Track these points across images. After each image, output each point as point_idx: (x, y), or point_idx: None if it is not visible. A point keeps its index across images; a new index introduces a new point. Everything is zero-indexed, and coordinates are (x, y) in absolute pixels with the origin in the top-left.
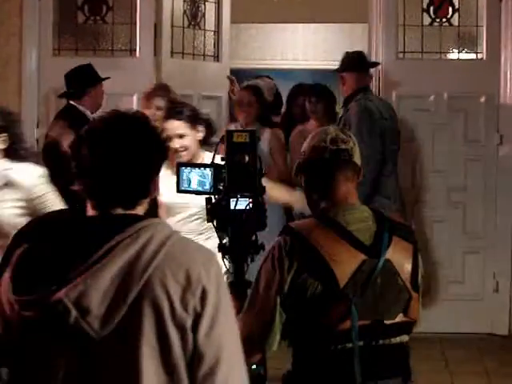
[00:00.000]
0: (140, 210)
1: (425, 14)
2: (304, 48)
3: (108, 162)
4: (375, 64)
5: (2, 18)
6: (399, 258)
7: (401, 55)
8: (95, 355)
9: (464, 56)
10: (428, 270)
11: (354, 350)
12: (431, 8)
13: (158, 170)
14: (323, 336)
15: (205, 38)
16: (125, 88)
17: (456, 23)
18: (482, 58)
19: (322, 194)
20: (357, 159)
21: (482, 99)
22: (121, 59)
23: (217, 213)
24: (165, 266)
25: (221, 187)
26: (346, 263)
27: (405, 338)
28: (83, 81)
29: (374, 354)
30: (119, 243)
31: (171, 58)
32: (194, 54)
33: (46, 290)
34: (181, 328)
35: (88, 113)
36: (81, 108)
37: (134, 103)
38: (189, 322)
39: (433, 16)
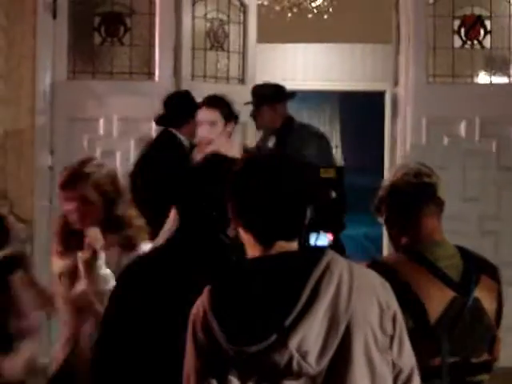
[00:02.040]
0: (296, 243)
1: (455, 36)
2: (304, 69)
3: (270, 199)
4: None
5: (16, 38)
6: (486, 296)
7: (431, 79)
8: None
9: (496, 80)
10: None
11: None
12: (462, 30)
13: (309, 207)
14: None
15: (229, 60)
16: (143, 113)
17: (488, 45)
18: None
19: (406, 229)
20: (441, 194)
21: None
22: (139, 83)
23: None
24: (359, 298)
25: None
26: (437, 300)
27: (486, 376)
28: (185, 108)
29: None
30: (320, 281)
31: (192, 81)
32: (216, 77)
33: (264, 338)
34: (382, 351)
35: (185, 141)
36: (179, 136)
37: (152, 128)
38: (387, 344)
39: (464, 38)
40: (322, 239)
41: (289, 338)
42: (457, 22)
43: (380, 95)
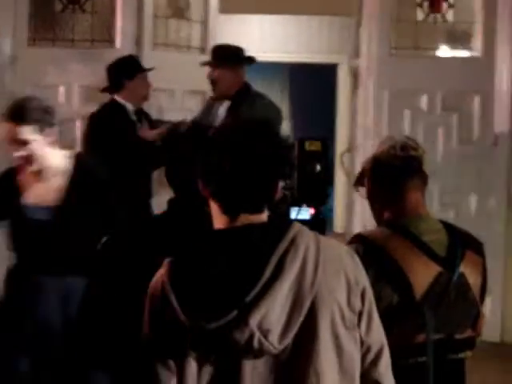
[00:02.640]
0: (265, 213)
1: (418, 9)
2: (260, 40)
3: (240, 167)
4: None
5: None
6: (471, 272)
7: (393, 51)
8: (273, 365)
9: (458, 53)
10: None
11: (428, 364)
12: (425, 3)
13: (281, 175)
14: (396, 349)
15: (190, 29)
16: (104, 80)
17: (451, 19)
18: (477, 56)
19: (390, 203)
20: (425, 167)
21: (477, 98)
22: (100, 50)
23: None
24: (326, 274)
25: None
26: (423, 275)
27: (469, 353)
28: (120, 73)
29: (444, 369)
30: (285, 256)
31: (153, 50)
32: (177, 46)
33: (224, 314)
34: (350, 328)
35: (129, 106)
36: (121, 101)
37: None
38: (355, 321)
39: (427, 11)
40: (304, 213)
41: (250, 314)
42: None
43: (332, 68)
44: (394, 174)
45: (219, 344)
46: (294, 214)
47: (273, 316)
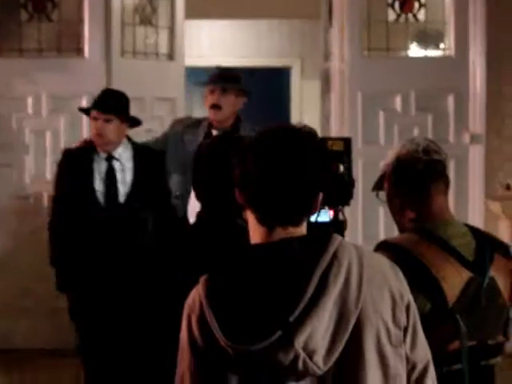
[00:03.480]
0: (304, 226)
1: (390, 9)
2: (210, 45)
3: (279, 175)
4: None
5: None
6: (500, 275)
7: (365, 53)
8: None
9: (431, 53)
10: None
11: (464, 371)
12: (396, 3)
13: (324, 187)
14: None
15: (157, 35)
16: (73, 90)
17: (422, 19)
18: (449, 55)
19: (414, 208)
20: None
21: (451, 97)
22: (68, 60)
23: None
24: (370, 289)
25: None
26: (454, 281)
27: (499, 359)
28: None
29: (477, 376)
30: (327, 272)
31: (121, 58)
32: (146, 53)
33: (268, 335)
34: (396, 345)
35: None
36: None
37: (82, 105)
38: (401, 337)
39: (398, 11)
40: (324, 216)
41: (295, 335)
42: None
43: (279, 71)
44: (418, 178)
45: (262, 366)
46: (314, 216)
47: (318, 335)
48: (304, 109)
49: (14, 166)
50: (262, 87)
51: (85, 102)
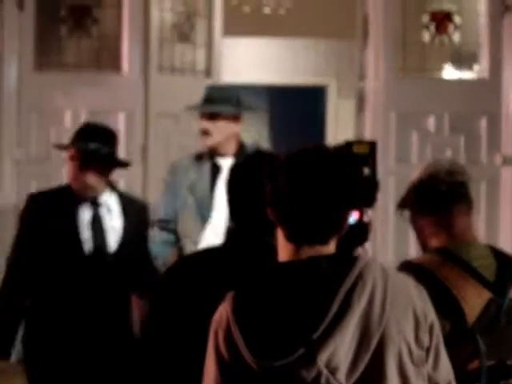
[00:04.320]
0: (333, 245)
1: (425, 30)
2: (247, 62)
3: (309, 192)
4: None
5: None
6: None
7: (400, 73)
8: None
9: (466, 75)
10: None
11: None
12: (431, 24)
13: (353, 207)
14: None
15: (195, 52)
16: (111, 106)
17: (457, 40)
18: (483, 77)
19: (437, 229)
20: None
21: (484, 119)
22: (106, 75)
23: None
24: (394, 309)
25: None
26: (474, 301)
27: None
28: None
29: None
30: (352, 291)
31: (159, 74)
32: (183, 70)
33: (291, 352)
34: (418, 365)
35: None
36: None
37: (120, 122)
38: (423, 357)
39: (433, 33)
40: (350, 218)
41: (318, 352)
42: (426, 17)
43: (317, 90)
44: (440, 200)
45: (285, 382)
46: None
47: (340, 353)
48: (340, 127)
49: (52, 180)
50: (297, 106)
51: (122, 117)
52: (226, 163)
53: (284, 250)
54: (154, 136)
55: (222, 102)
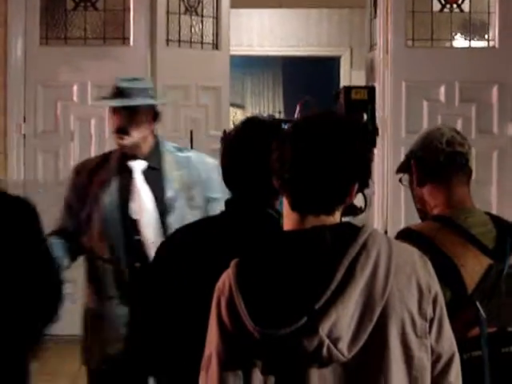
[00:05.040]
0: (337, 215)
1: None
2: (259, 34)
3: (315, 160)
4: None
5: None
6: None
7: (410, 43)
8: (340, 374)
9: (475, 43)
10: None
11: (484, 357)
12: None
13: (359, 177)
14: None
15: (202, 25)
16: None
17: (467, 9)
18: (493, 46)
19: (435, 196)
20: (471, 162)
21: (495, 88)
22: (113, 48)
23: None
24: (397, 280)
25: None
26: (474, 268)
27: None
28: None
29: (499, 363)
30: (356, 261)
31: (167, 47)
32: (191, 42)
33: (294, 321)
34: (421, 336)
35: None
36: None
37: None
38: (427, 329)
39: (443, 2)
40: None
41: (320, 322)
42: None
43: (330, 60)
44: (440, 170)
45: (287, 352)
46: None
47: (343, 323)
48: None
49: (60, 153)
50: (311, 77)
51: None
52: (138, 166)
53: (289, 219)
54: (162, 109)
55: (138, 94)
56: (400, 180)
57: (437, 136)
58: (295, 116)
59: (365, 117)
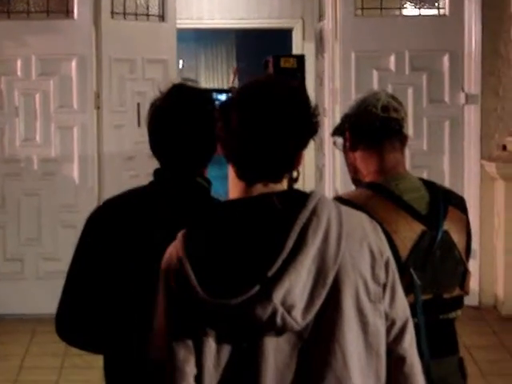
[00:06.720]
0: (284, 183)
1: None
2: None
3: (260, 128)
4: None
5: None
6: (455, 229)
7: (359, 12)
8: (295, 342)
9: (426, 12)
10: None
11: (420, 325)
12: None
13: (307, 143)
14: None
15: None
16: (62, 52)
17: None
18: (444, 14)
19: (368, 161)
20: (405, 129)
21: (446, 57)
22: (57, 21)
23: None
24: (349, 245)
25: None
26: (406, 235)
27: (459, 312)
28: None
29: (436, 330)
30: (306, 228)
31: (112, 19)
32: (136, 14)
33: (246, 290)
34: (375, 301)
35: None
36: None
37: (72, 68)
38: (380, 294)
39: None
40: None
41: (273, 290)
42: None
43: (284, 32)
44: (374, 135)
45: (240, 321)
46: None
47: (296, 291)
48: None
49: (5, 129)
50: (262, 49)
51: (74, 64)
52: None
53: (235, 188)
54: (107, 82)
55: None
56: (334, 143)
57: (372, 101)
58: (229, 84)
59: None
